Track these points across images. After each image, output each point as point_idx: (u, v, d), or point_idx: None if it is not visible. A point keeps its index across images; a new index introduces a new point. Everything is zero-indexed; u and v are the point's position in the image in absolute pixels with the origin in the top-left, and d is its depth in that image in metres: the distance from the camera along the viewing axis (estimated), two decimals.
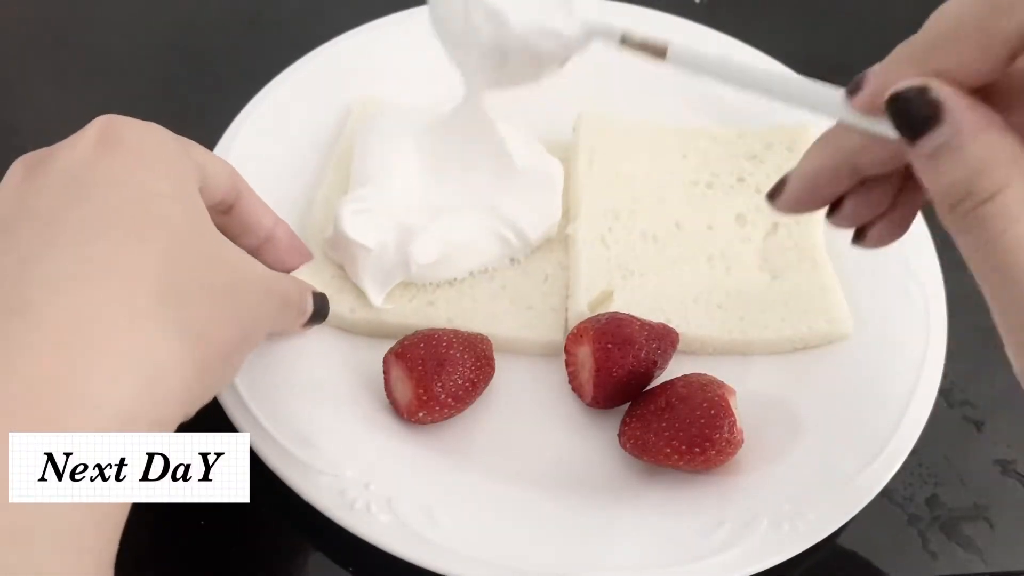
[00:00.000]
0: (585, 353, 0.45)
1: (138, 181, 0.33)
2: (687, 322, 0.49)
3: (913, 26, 0.29)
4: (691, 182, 0.55)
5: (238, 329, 0.35)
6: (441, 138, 0.51)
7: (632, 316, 0.45)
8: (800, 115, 0.57)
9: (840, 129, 0.32)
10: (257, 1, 0.68)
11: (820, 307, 0.50)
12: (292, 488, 0.41)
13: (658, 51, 0.36)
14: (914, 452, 0.44)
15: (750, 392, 0.45)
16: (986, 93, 0.28)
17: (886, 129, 0.29)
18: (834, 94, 0.31)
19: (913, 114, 0.28)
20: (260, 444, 0.42)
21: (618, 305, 0.48)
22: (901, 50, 0.29)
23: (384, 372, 0.45)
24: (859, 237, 0.35)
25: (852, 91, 0.31)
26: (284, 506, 0.42)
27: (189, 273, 0.32)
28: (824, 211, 0.35)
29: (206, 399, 0.34)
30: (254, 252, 0.44)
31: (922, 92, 0.28)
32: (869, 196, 0.34)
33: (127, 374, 0.29)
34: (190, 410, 0.33)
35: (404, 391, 0.43)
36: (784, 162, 0.55)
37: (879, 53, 0.30)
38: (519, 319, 0.49)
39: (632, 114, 0.58)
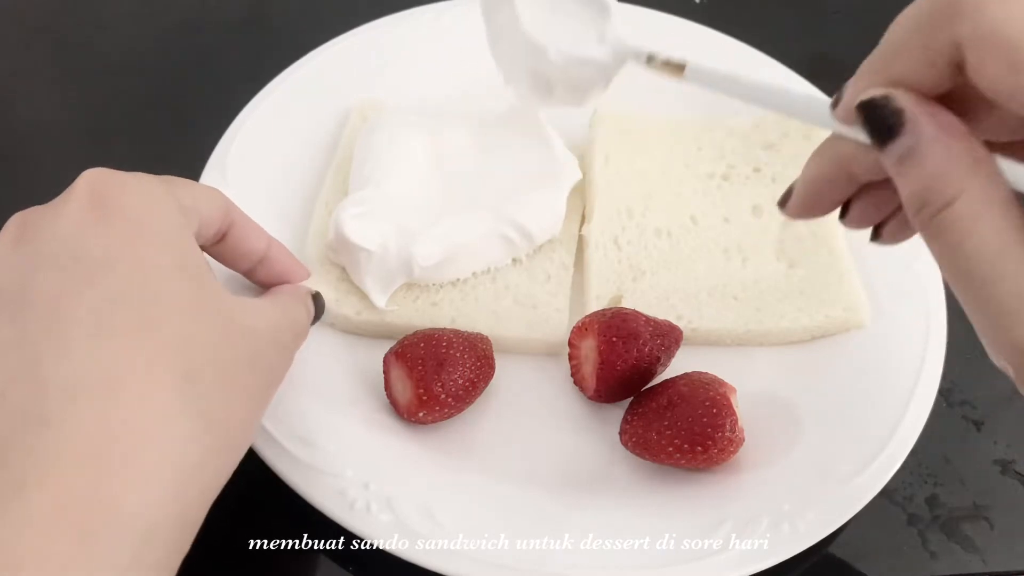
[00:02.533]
0: (590, 346, 0.45)
1: (139, 257, 0.32)
2: (700, 315, 0.49)
3: None
4: (707, 175, 0.55)
5: (258, 397, 0.35)
6: (445, 139, 0.51)
7: (637, 312, 0.45)
8: None
9: (833, 139, 0.33)
10: (256, 2, 0.68)
11: (837, 295, 0.50)
12: (292, 488, 0.41)
13: (678, 68, 0.39)
14: (914, 452, 0.44)
15: (751, 391, 0.45)
16: (952, 100, 0.29)
17: (866, 137, 0.30)
18: (826, 105, 0.32)
19: (880, 121, 0.29)
20: (260, 444, 0.41)
21: (627, 306, 0.48)
22: (869, 60, 0.30)
23: (384, 372, 0.45)
24: (875, 235, 0.36)
25: (834, 104, 0.31)
26: (284, 506, 0.42)
27: (205, 356, 0.32)
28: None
29: (234, 468, 0.34)
30: (248, 274, 0.44)
31: (885, 100, 0.29)
32: (874, 199, 0.34)
33: (154, 484, 0.29)
34: (218, 489, 0.33)
35: (404, 391, 0.43)
36: (801, 150, 0.55)
37: None
38: (523, 319, 0.49)
39: (647, 109, 0.58)
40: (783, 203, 0.36)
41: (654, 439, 0.42)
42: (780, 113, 0.35)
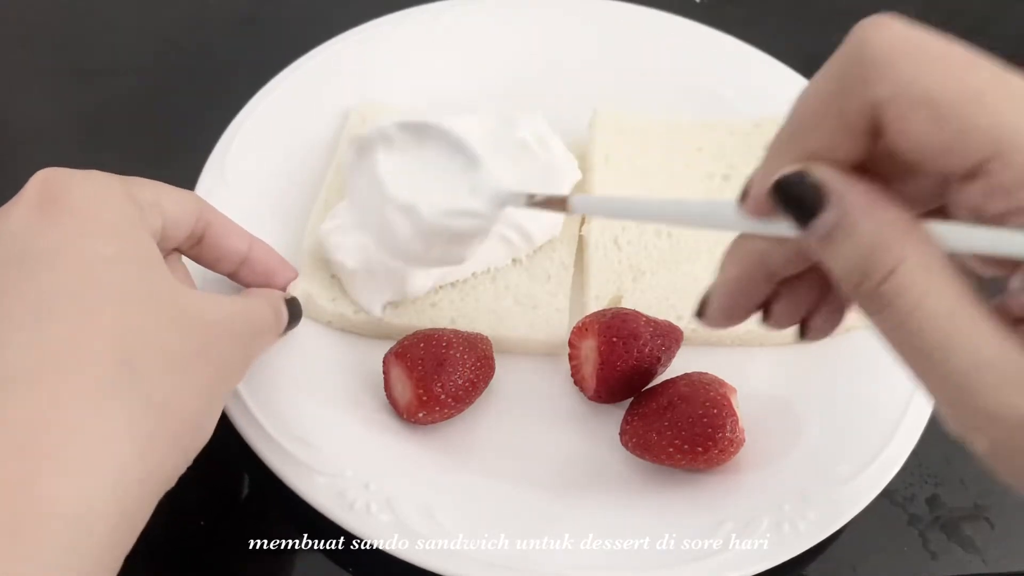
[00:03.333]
0: (590, 347, 0.45)
1: (82, 249, 0.32)
2: None
3: None
4: (707, 175, 0.55)
5: (212, 388, 0.35)
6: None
7: (637, 312, 0.45)
8: None
9: (744, 238, 0.32)
10: (256, 1, 0.68)
11: None
12: (292, 488, 0.41)
13: (560, 205, 0.37)
14: (914, 452, 0.44)
15: (751, 391, 0.45)
16: (869, 168, 0.27)
17: (782, 228, 0.28)
18: (729, 206, 0.30)
19: (799, 199, 0.27)
20: (260, 444, 0.41)
21: (627, 307, 0.48)
22: (774, 143, 0.29)
23: (384, 372, 0.45)
24: (803, 333, 0.34)
25: (742, 199, 0.30)
26: (284, 506, 0.42)
27: (146, 344, 0.31)
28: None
29: (188, 461, 0.34)
30: (232, 276, 0.44)
31: (801, 176, 0.27)
32: (795, 295, 0.32)
33: (89, 473, 0.28)
34: (171, 480, 0.33)
35: (404, 391, 0.43)
36: None
37: None
38: (524, 319, 0.49)
39: (647, 109, 0.58)
40: (700, 313, 0.34)
41: (654, 439, 0.42)
42: (683, 225, 0.33)
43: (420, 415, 0.43)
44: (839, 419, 0.46)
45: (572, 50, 0.62)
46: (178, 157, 0.52)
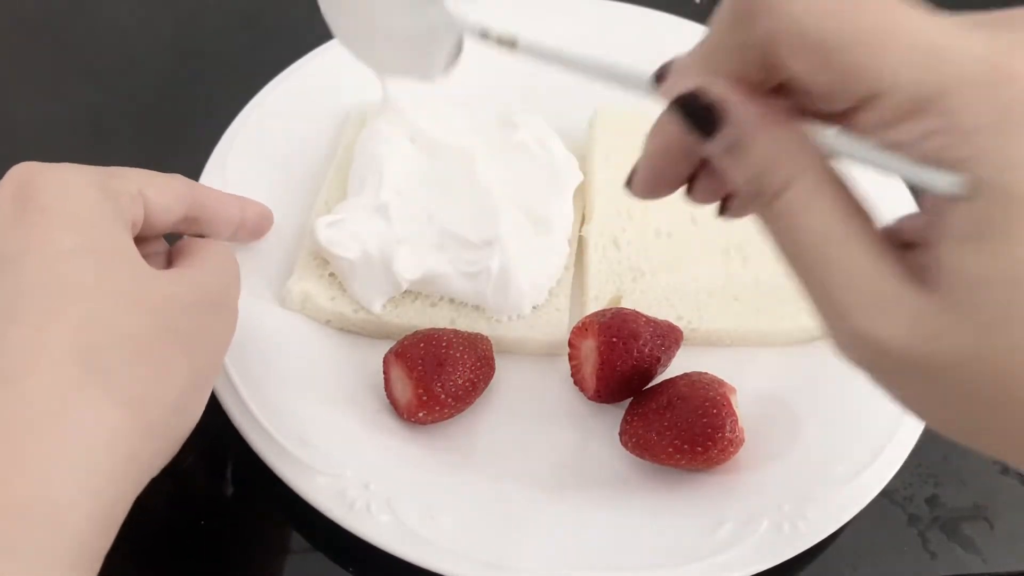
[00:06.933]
0: (589, 347, 0.45)
1: (46, 245, 0.32)
2: (700, 316, 0.49)
3: None
4: None
5: (187, 369, 0.34)
6: (445, 143, 0.51)
7: (637, 312, 0.45)
8: None
9: (666, 115, 0.32)
10: (257, 2, 0.68)
11: None
12: (292, 488, 0.41)
13: (511, 43, 0.39)
14: (914, 452, 0.44)
15: (751, 391, 0.45)
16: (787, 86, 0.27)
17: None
18: (647, 78, 0.31)
19: (698, 116, 0.28)
20: (260, 444, 0.41)
21: (627, 306, 0.48)
22: (696, 49, 0.29)
23: (384, 372, 0.45)
24: (723, 210, 0.34)
25: (658, 78, 0.31)
26: (284, 506, 0.42)
27: (110, 334, 0.31)
28: None
29: (175, 448, 0.33)
30: (230, 239, 0.45)
31: (700, 93, 0.27)
32: (717, 174, 0.32)
33: (58, 468, 0.28)
34: (153, 470, 0.32)
35: (404, 391, 0.43)
36: None
37: None
38: (523, 319, 0.49)
39: (647, 109, 0.58)
40: (628, 183, 0.34)
41: (654, 439, 0.42)
42: (610, 84, 0.35)
43: (420, 415, 0.43)
44: (839, 419, 0.46)
45: (572, 50, 0.61)
46: (179, 157, 0.52)
